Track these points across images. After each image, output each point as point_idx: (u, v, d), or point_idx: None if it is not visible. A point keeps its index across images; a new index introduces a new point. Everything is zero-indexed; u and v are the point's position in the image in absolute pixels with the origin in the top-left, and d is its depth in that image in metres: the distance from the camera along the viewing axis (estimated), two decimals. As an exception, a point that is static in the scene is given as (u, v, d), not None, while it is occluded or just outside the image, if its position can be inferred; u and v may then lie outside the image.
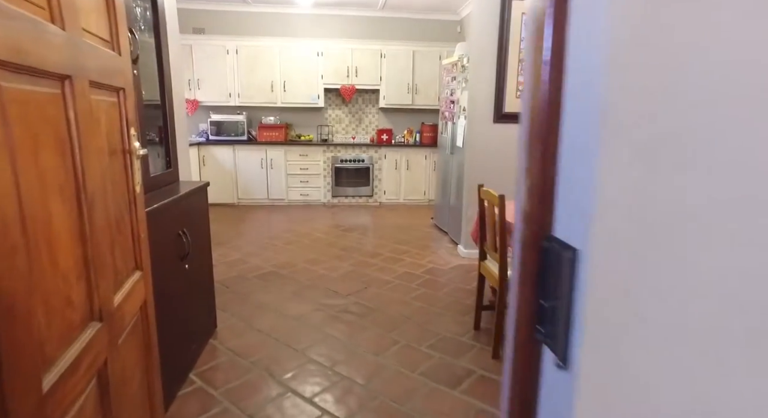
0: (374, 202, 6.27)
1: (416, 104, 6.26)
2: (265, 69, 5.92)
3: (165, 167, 2.28)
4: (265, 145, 5.93)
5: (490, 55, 3.66)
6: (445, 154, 4.71)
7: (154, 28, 2.12)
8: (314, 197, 6.15)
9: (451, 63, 4.53)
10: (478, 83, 3.72)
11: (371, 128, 6.62)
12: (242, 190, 6.00)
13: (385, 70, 6.10)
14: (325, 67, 6.00)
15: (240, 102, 5.98)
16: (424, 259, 3.95)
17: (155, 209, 1.70)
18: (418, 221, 5.35)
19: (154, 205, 1.70)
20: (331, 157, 6.07)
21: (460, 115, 4.19)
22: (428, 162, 6.21)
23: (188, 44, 5.73)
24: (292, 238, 4.53)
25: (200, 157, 5.82)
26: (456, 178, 4.38)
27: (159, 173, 2.11)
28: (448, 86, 4.65)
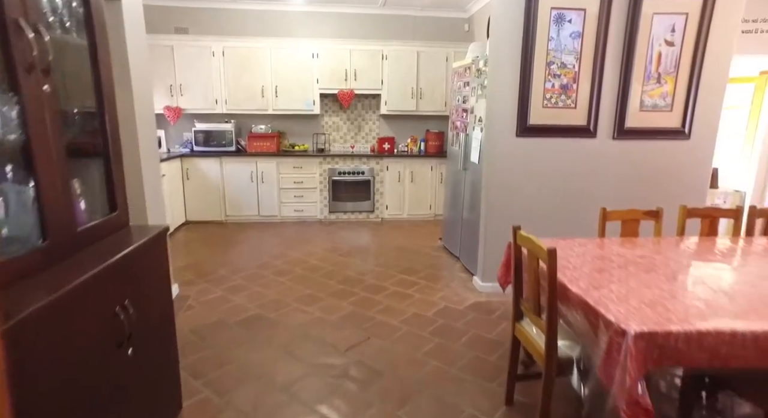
0: (375, 218, 5.73)
1: (421, 110, 5.71)
2: (255, 73, 5.37)
3: (108, 210, 1.73)
4: (255, 157, 5.38)
5: (513, 58, 3.11)
6: (456, 169, 4.17)
7: (86, 23, 1.57)
8: (309, 213, 5.60)
9: (464, 66, 3.98)
10: (498, 90, 3.18)
11: (371, 136, 6.07)
12: (230, 207, 5.45)
13: (387, 73, 5.56)
14: (320, 70, 5.45)
15: (227, 109, 5.43)
16: (436, 294, 3.40)
17: (64, 295, 1.16)
18: (424, 242, 4.80)
19: (63, 287, 1.16)
20: (328, 170, 5.52)
21: (475, 126, 3.65)
22: (434, 174, 5.66)
23: (169, 45, 5.18)
24: (284, 267, 3.98)
25: (183, 171, 5.27)
26: (470, 197, 3.84)
27: (90, 224, 1.56)
28: (459, 92, 4.11)
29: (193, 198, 5.35)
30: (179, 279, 3.62)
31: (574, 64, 3.14)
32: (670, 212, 3.42)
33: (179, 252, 4.34)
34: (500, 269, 2.39)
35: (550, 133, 3.24)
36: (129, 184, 2.75)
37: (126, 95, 2.67)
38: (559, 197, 3.36)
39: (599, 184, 3.36)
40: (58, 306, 1.14)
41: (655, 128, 3.28)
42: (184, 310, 3.10)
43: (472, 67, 3.76)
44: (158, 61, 5.17)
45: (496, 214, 3.35)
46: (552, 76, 3.15)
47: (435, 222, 5.66)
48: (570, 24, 3.07)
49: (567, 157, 3.30)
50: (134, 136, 2.73)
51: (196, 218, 5.42)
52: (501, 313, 3.10)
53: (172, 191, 4.97)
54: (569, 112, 3.22)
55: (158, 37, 5.15)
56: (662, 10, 3.06)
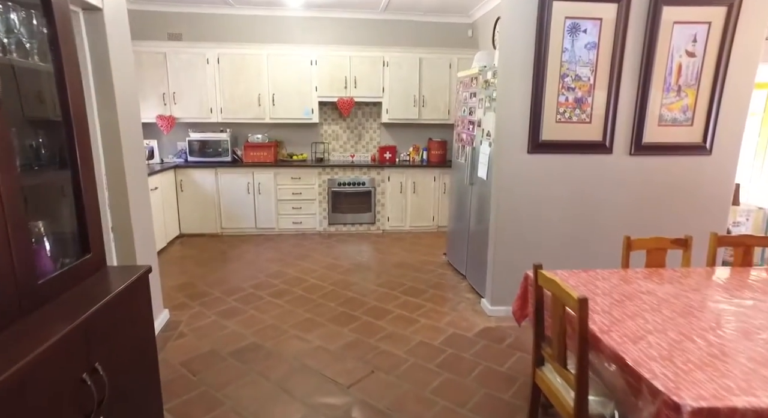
0: (376, 229, 5.53)
1: (423, 119, 5.53)
2: (251, 80, 5.18)
3: (80, 252, 1.53)
4: (251, 168, 5.19)
5: (525, 70, 2.93)
6: (462, 183, 3.97)
7: (51, 45, 1.38)
8: (308, 225, 5.41)
9: (470, 76, 3.79)
10: (508, 104, 2.99)
11: (372, 146, 5.88)
12: (226, 219, 5.26)
13: (388, 80, 5.37)
14: (319, 78, 5.26)
15: (223, 118, 5.23)
16: (443, 319, 3.21)
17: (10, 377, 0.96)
18: (428, 257, 4.61)
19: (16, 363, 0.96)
20: (328, 180, 5.32)
21: (483, 140, 3.46)
22: (437, 184, 5.47)
23: (162, 52, 4.98)
24: (282, 286, 3.78)
25: (177, 182, 5.07)
26: (476, 214, 3.65)
27: (56, 273, 1.36)
28: (465, 103, 3.92)
29: (187, 210, 5.16)
30: (171, 302, 3.42)
31: (589, 76, 2.96)
32: (692, 233, 3.23)
33: (172, 270, 4.14)
34: (515, 301, 2.21)
35: (564, 149, 3.06)
36: (114, 204, 2.58)
37: (109, 111, 2.47)
38: (573, 217, 3.17)
39: (615, 203, 3.17)
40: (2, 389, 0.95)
41: (674, 144, 3.10)
42: (175, 338, 2.90)
43: (479, 77, 3.57)
44: (150, 69, 4.98)
45: (506, 235, 3.16)
46: (566, 89, 2.96)
47: (438, 234, 5.47)
48: (585, 34, 2.88)
49: (581, 175, 3.11)
50: (119, 154, 2.53)
51: (190, 230, 5.22)
52: (512, 341, 2.91)
53: (166, 204, 4.77)
54: (584, 127, 3.04)
55: (150, 44, 4.95)
56: (683, 19, 2.88)
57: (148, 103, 5.05)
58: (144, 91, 5.01)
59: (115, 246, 2.60)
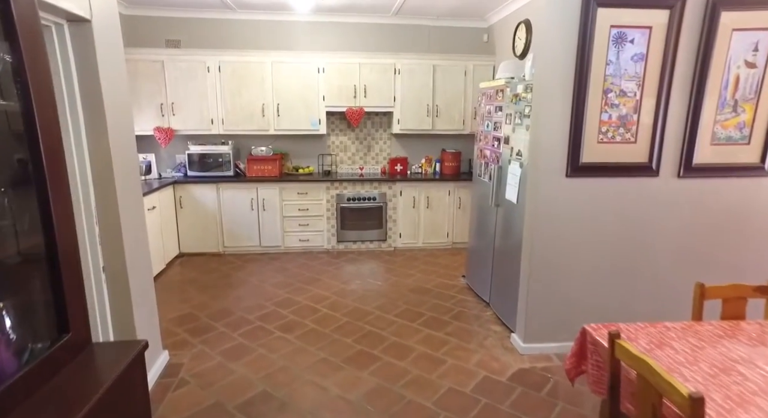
0: (388, 247, 5.23)
1: (437, 129, 5.22)
2: (255, 89, 4.87)
3: (56, 332, 1.23)
4: (255, 183, 4.88)
5: (564, 86, 2.62)
6: (485, 203, 3.67)
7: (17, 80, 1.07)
8: (316, 243, 5.10)
9: (494, 88, 3.49)
10: (545, 122, 2.68)
11: (382, 157, 5.57)
12: (229, 237, 4.95)
13: (400, 89, 5.06)
14: (327, 86, 4.95)
15: (224, 130, 4.92)
16: (471, 359, 2.90)
17: None
18: (445, 280, 4.30)
19: None
20: (336, 196, 5.02)
21: (512, 159, 3.16)
22: (452, 199, 5.17)
23: (159, 60, 4.67)
24: (292, 316, 3.47)
25: (176, 198, 4.76)
26: (503, 239, 3.35)
27: (21, 373, 1.05)
28: (489, 117, 3.62)
29: (187, 228, 4.84)
30: (170, 339, 3.11)
31: (636, 91, 2.65)
32: (751, 264, 2.95)
33: (171, 298, 3.83)
34: (569, 358, 1.91)
35: (606, 172, 2.75)
36: (107, 241, 2.27)
37: (99, 136, 2.16)
38: (617, 247, 2.87)
39: (662, 230, 2.87)
40: None
41: (728, 164, 2.80)
42: (175, 387, 2.59)
43: (506, 90, 3.27)
44: (147, 78, 4.66)
45: (542, 266, 2.85)
46: (609, 106, 2.66)
47: (453, 252, 5.16)
48: (632, 45, 2.58)
49: (625, 200, 2.81)
50: (110, 185, 2.22)
51: (191, 249, 4.91)
52: (552, 388, 2.60)
53: (164, 222, 4.46)
54: (628, 147, 2.73)
55: (147, 52, 4.64)
56: (744, 26, 2.57)
57: (145, 115, 4.74)
58: (140, 102, 4.70)
59: (108, 289, 2.29)
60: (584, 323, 2.93)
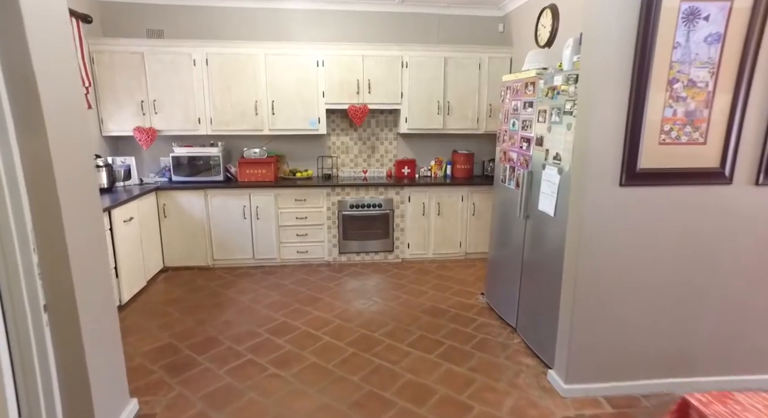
0: (395, 258, 4.74)
1: (449, 128, 4.74)
2: (247, 85, 4.38)
3: None
4: (248, 188, 4.38)
5: (619, 74, 2.14)
6: (510, 213, 3.19)
7: None
8: (316, 255, 4.61)
9: (523, 80, 3.01)
10: (593, 119, 2.20)
11: (387, 159, 5.08)
12: (219, 249, 4.45)
13: (408, 84, 4.57)
14: (327, 81, 4.46)
15: (213, 130, 4.43)
16: (503, 403, 2.42)
17: None
18: (462, 298, 3.82)
19: None
20: (338, 202, 4.53)
21: (548, 164, 2.68)
22: (465, 205, 4.68)
23: (139, 52, 4.17)
24: (289, 347, 2.98)
25: (160, 207, 4.26)
26: (533, 255, 2.87)
27: None
28: (515, 115, 3.13)
29: (172, 240, 4.35)
30: (143, 379, 2.62)
31: (708, 81, 2.17)
32: None
33: (150, 322, 3.33)
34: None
35: (668, 180, 2.27)
36: (47, 267, 1.76)
37: (32, 130, 1.66)
38: (680, 267, 2.38)
39: (736, 249, 2.39)
40: None
41: (815, 171, 2.32)
42: (144, 448, 2.10)
43: (539, 83, 2.79)
44: (125, 72, 4.16)
45: (589, 291, 2.37)
46: (675, 99, 2.18)
47: (466, 263, 4.68)
48: (706, 23, 2.10)
49: (689, 213, 2.33)
50: (50, 189, 1.72)
51: (176, 263, 4.41)
52: (608, 445, 2.12)
53: (146, 234, 3.96)
54: (695, 150, 2.25)
55: (125, 43, 4.14)
56: (844, 3, 2.09)
57: (124, 113, 4.24)
58: (118, 98, 4.20)
59: (52, 332, 1.80)
60: (640, 358, 2.46)
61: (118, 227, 3.45)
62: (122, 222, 3.51)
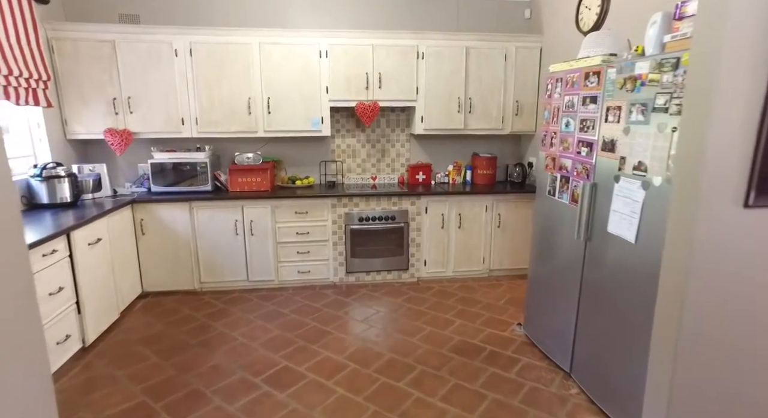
0: (410, 277, 4.15)
1: (470, 128, 4.15)
2: (238, 79, 3.76)
3: None
4: (240, 200, 3.76)
5: (753, 55, 1.55)
6: (565, 233, 2.62)
7: None
8: (320, 275, 4.01)
9: (582, 70, 2.42)
10: (710, 118, 1.61)
11: (399, 164, 4.49)
12: (207, 270, 3.83)
13: (425, 78, 3.98)
14: (332, 75, 3.86)
15: (199, 132, 3.81)
16: (580, 494, 1.83)
17: None
18: (495, 329, 3.24)
19: None
20: (344, 215, 3.92)
21: (626, 176, 2.10)
22: (490, 216, 4.10)
23: (109, 40, 3.53)
24: (293, 405, 2.38)
25: (136, 222, 3.63)
26: (599, 288, 2.29)
27: None
28: (570, 113, 2.55)
29: (152, 260, 3.72)
30: (105, 460, 2.00)
31: None
32: None
33: (119, 371, 2.71)
34: None
35: (807, 198, 1.69)
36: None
37: None
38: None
39: None
40: None
41: None
42: None
43: (607, 72, 2.20)
44: (93, 64, 3.53)
45: (698, 346, 1.79)
46: (823, 89, 1.60)
47: (492, 283, 4.10)
48: None
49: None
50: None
51: (157, 287, 3.79)
52: None
53: (119, 255, 3.34)
54: (843, 157, 1.68)
55: (93, 29, 3.50)
56: None
57: (92, 113, 3.61)
58: (84, 96, 3.56)
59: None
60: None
61: (82, 253, 2.82)
62: (87, 245, 2.88)
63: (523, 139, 4.52)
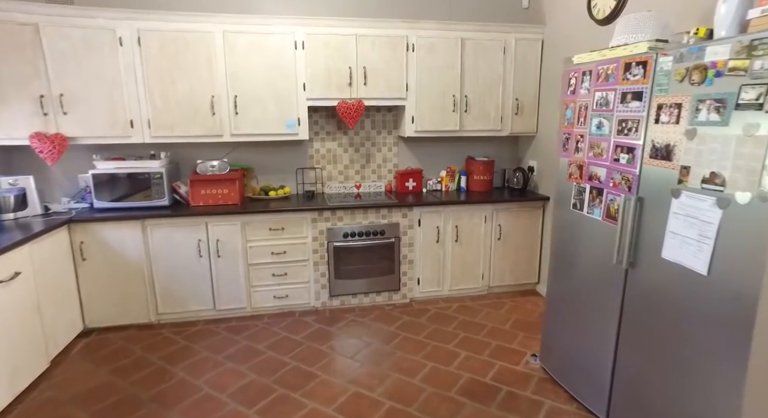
0: (401, 298, 3.67)
1: (466, 129, 3.71)
2: (199, 74, 3.18)
3: None
4: (204, 216, 3.19)
5: None
6: (599, 255, 2.20)
7: None
8: (299, 300, 3.47)
9: (621, 60, 2.00)
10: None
11: (386, 170, 4.00)
12: (165, 299, 3.24)
13: (416, 73, 3.51)
14: (309, 70, 3.33)
15: (153, 136, 3.21)
16: None
17: None
18: (507, 362, 2.80)
19: None
20: (327, 231, 3.41)
21: (691, 191, 1.68)
22: (489, 227, 3.67)
23: (31, 23, 2.90)
24: (273, 489, 1.86)
25: (75, 245, 3.00)
26: (648, 320, 1.88)
27: None
28: (604, 112, 2.13)
29: (95, 290, 3.10)
30: None
31: None
32: None
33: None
34: None
35: None
36: None
37: None
38: None
39: None
40: None
41: None
42: None
43: (658, 61, 1.79)
44: (11, 53, 2.89)
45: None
46: None
47: (493, 302, 3.67)
48: None
49: None
50: None
51: (104, 322, 3.17)
52: None
53: (48, 289, 2.72)
54: None
55: (9, 7, 2.86)
56: None
57: (13, 114, 2.96)
58: (2, 91, 2.91)
59: None
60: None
61: (-6, 293, 2.20)
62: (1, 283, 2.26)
63: (521, 141, 4.12)
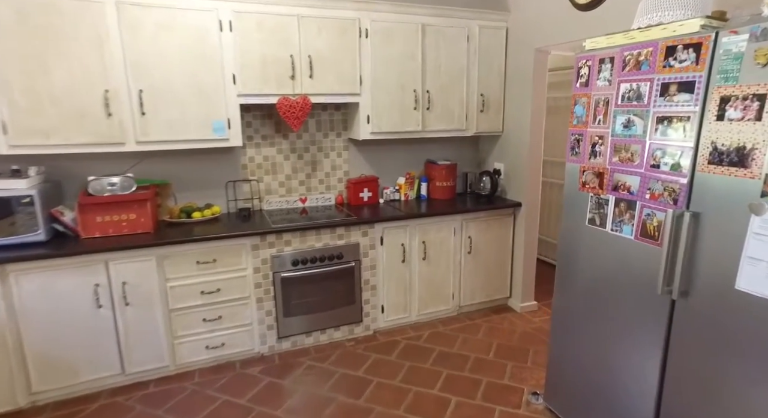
0: (364, 331, 3.10)
1: (429, 130, 3.22)
2: (84, 60, 2.34)
3: None
4: (102, 253, 2.35)
5: None
6: (631, 284, 1.81)
7: None
8: (240, 347, 2.76)
9: (659, 43, 1.61)
10: None
11: (336, 179, 3.39)
12: (43, 372, 2.35)
13: (371, 63, 2.94)
14: (241, 58, 2.63)
15: (13, 146, 2.31)
16: None
17: None
18: (504, 405, 2.35)
19: None
20: (272, 259, 2.72)
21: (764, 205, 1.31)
22: (459, 240, 3.23)
23: None
24: None
25: None
26: (708, 366, 1.51)
27: None
28: (634, 108, 1.73)
29: (-64, 370, 2.15)
30: None
31: None
32: None
33: None
34: None
35: None
36: None
37: None
38: None
39: None
40: None
41: None
42: None
43: (727, 42, 1.41)
44: None
45: None
46: None
47: (465, 325, 3.24)
48: None
49: None
50: None
51: (-47, 410, 2.22)
52: None
53: None
54: None
55: None
56: None
57: None
58: None
59: None
60: None
61: None
62: None
63: (483, 142, 3.73)
